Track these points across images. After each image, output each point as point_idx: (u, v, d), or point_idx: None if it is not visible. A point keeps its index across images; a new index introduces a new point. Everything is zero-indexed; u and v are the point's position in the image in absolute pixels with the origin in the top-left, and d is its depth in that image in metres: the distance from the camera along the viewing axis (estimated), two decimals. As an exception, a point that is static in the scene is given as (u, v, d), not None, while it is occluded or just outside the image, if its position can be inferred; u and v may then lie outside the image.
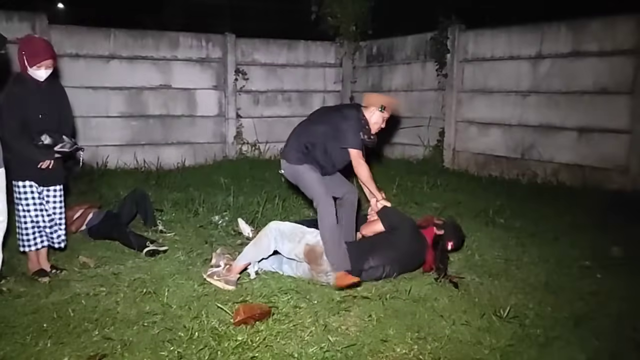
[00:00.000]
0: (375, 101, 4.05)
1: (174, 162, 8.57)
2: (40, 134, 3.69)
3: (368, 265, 3.81)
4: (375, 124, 4.02)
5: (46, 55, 3.72)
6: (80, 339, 2.96)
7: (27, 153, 3.68)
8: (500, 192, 6.75)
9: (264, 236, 3.85)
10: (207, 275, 3.81)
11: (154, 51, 8.60)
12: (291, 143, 4.05)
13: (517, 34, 7.53)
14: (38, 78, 3.73)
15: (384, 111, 4.01)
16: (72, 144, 3.82)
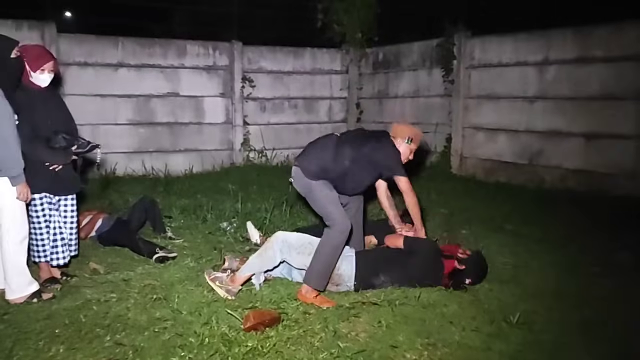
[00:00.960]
0: (402, 132, 3.95)
1: (182, 169, 8.62)
2: (55, 136, 3.70)
3: (379, 281, 3.84)
4: (403, 154, 3.91)
5: (49, 58, 3.75)
6: (92, 345, 2.98)
7: (45, 157, 3.68)
8: (508, 198, 6.75)
9: (269, 247, 3.79)
10: (210, 279, 3.77)
11: (161, 59, 8.67)
12: (313, 155, 3.85)
13: (524, 40, 7.55)
14: (41, 83, 3.72)
15: (411, 143, 3.92)
16: (87, 142, 3.85)
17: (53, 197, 3.82)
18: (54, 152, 3.72)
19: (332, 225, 3.68)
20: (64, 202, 3.91)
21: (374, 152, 3.81)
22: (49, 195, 3.79)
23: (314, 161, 3.81)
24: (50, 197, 3.80)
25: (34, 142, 3.63)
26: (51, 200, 3.81)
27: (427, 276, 3.87)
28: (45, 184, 3.73)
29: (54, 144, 3.70)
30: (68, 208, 3.94)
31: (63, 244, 3.87)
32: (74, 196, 3.98)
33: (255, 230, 5.07)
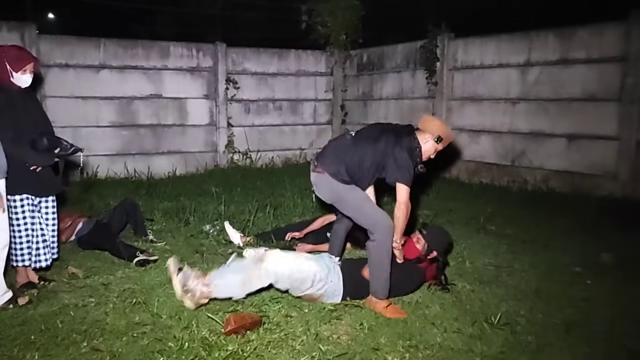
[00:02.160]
0: (433, 129, 3.63)
1: (165, 171, 8.55)
2: (40, 138, 3.65)
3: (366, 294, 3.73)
4: (426, 152, 3.63)
5: (31, 59, 3.70)
6: (69, 351, 2.92)
7: (28, 159, 3.62)
8: (491, 199, 6.78)
9: (255, 278, 3.43)
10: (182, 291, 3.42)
11: (144, 61, 8.60)
12: (335, 158, 3.62)
13: (506, 42, 7.60)
14: (23, 84, 3.67)
15: (440, 143, 3.62)
16: (70, 145, 3.79)
17: (35, 198, 3.76)
18: (37, 154, 3.66)
19: (375, 226, 3.49)
20: (44, 203, 3.85)
21: (395, 150, 3.51)
22: (31, 197, 3.72)
23: (340, 164, 3.58)
24: (32, 198, 3.74)
25: (16, 143, 3.57)
26: (33, 201, 3.74)
27: (411, 285, 3.84)
28: (26, 185, 3.67)
29: (39, 146, 3.64)
30: (49, 210, 3.88)
31: (45, 246, 3.81)
32: (54, 198, 3.92)
33: (235, 231, 5.03)
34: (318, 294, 3.56)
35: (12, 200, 3.63)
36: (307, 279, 3.48)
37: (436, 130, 3.63)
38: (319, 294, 3.57)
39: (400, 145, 3.52)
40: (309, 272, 3.49)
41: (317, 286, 3.51)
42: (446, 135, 3.65)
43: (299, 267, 3.48)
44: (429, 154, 3.66)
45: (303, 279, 3.47)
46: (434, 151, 3.66)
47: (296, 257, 3.62)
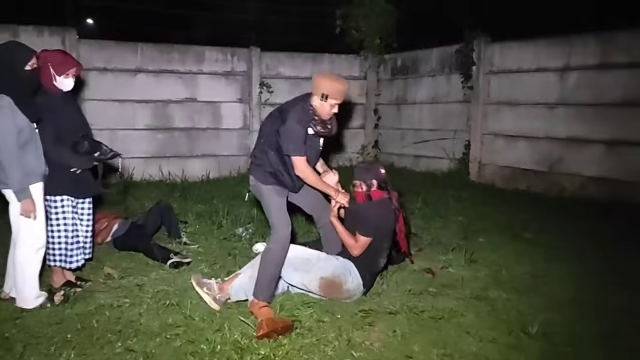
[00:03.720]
0: (317, 89, 3.54)
1: (199, 174, 8.64)
2: (82, 141, 3.72)
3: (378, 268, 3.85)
4: (321, 112, 3.56)
5: (74, 63, 3.78)
6: (104, 351, 2.96)
7: (69, 161, 3.70)
8: (527, 206, 6.63)
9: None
10: (197, 283, 3.64)
11: (180, 65, 8.72)
12: (253, 156, 3.75)
13: (544, 46, 7.44)
14: (65, 87, 3.75)
15: (327, 99, 3.51)
16: (109, 150, 3.85)
17: (73, 200, 3.83)
18: (78, 156, 3.74)
19: (274, 233, 3.56)
20: (81, 204, 3.91)
21: (282, 126, 3.53)
22: (70, 198, 3.79)
23: (255, 160, 3.70)
24: (71, 199, 3.80)
25: (58, 145, 3.66)
26: (71, 203, 3.81)
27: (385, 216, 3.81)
28: (66, 187, 3.74)
29: (80, 149, 3.72)
30: (85, 211, 3.94)
31: (78, 247, 3.87)
32: (91, 200, 3.99)
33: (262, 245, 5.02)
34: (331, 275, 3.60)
35: (52, 200, 3.71)
36: (310, 259, 3.63)
37: (319, 89, 3.53)
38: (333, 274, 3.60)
39: (288, 117, 3.52)
40: (311, 252, 3.69)
41: (324, 266, 3.61)
42: (330, 89, 3.51)
43: (298, 249, 3.69)
44: (325, 113, 3.58)
45: (306, 258, 3.62)
46: (328, 108, 3.56)
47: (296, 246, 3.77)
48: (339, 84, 3.55)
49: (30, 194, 3.40)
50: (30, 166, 3.42)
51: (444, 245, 5.13)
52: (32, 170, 3.43)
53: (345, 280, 3.66)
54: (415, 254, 4.81)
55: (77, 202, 3.88)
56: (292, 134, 3.50)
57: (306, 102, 3.60)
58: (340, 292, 3.65)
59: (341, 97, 3.57)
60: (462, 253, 4.79)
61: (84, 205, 3.93)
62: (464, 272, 4.37)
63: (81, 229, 3.91)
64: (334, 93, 3.52)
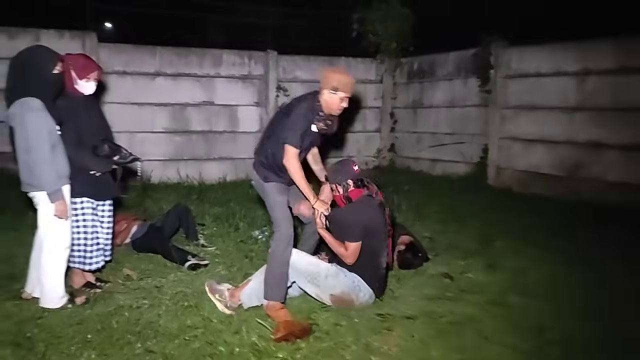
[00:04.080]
0: (326, 81, 3.57)
1: (216, 177, 8.68)
2: (102, 144, 3.77)
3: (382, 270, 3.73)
4: (328, 105, 3.59)
5: (96, 67, 3.83)
6: (123, 351, 2.99)
7: (89, 164, 3.74)
8: (545, 211, 6.55)
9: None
10: (210, 289, 3.66)
11: (197, 68, 8.78)
12: (256, 153, 3.80)
13: (563, 50, 7.37)
14: (87, 91, 3.79)
15: (337, 92, 3.55)
16: (129, 154, 3.90)
17: (93, 202, 3.87)
18: (98, 159, 3.78)
19: (277, 231, 3.60)
20: (101, 207, 3.96)
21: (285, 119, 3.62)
22: (90, 200, 3.83)
23: (258, 157, 3.75)
24: (91, 202, 3.85)
25: (79, 148, 3.70)
26: (91, 205, 3.85)
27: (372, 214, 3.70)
28: (86, 189, 3.78)
29: (100, 152, 3.76)
30: (105, 213, 3.99)
31: (98, 249, 3.91)
32: (111, 202, 4.03)
33: None
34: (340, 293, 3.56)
35: (72, 202, 3.74)
36: (319, 273, 3.57)
37: (329, 82, 3.56)
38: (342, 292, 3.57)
39: (294, 110, 3.59)
40: (320, 265, 3.63)
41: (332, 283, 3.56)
42: (341, 83, 3.54)
43: (310, 261, 3.63)
44: (333, 107, 3.60)
45: (317, 272, 3.56)
46: (338, 102, 3.58)
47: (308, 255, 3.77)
48: (348, 77, 3.59)
49: (63, 195, 3.46)
50: (60, 167, 3.48)
51: (462, 249, 5.10)
52: (62, 171, 3.49)
53: (357, 297, 3.62)
54: (432, 258, 4.80)
55: (98, 204, 3.92)
56: (293, 124, 3.56)
57: (315, 98, 3.63)
58: (353, 306, 3.62)
59: (350, 91, 3.60)
60: (480, 258, 4.76)
61: (104, 207, 3.97)
62: (483, 278, 4.34)
63: (101, 231, 3.95)
64: (343, 85, 3.56)
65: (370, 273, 3.66)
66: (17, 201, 5.41)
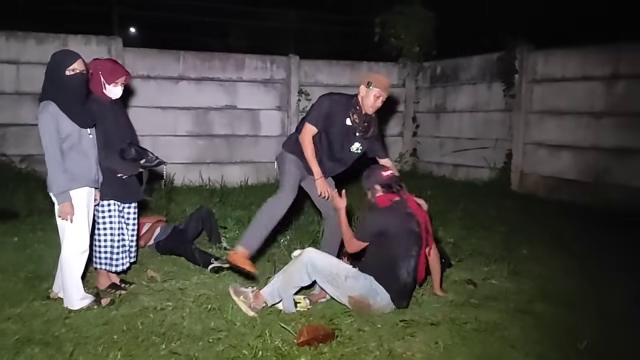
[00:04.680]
0: (364, 79, 3.94)
1: (238, 180, 8.72)
2: (129, 148, 3.81)
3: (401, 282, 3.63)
4: (365, 101, 3.89)
5: (124, 72, 3.88)
6: (149, 352, 3.00)
7: (116, 167, 3.78)
8: (571, 217, 6.45)
9: (295, 270, 3.58)
10: (234, 292, 3.68)
11: (220, 73, 8.86)
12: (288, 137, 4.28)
13: (591, 54, 7.26)
14: (114, 95, 3.84)
15: (372, 87, 3.84)
16: (155, 158, 3.94)
17: (120, 204, 3.91)
18: (125, 162, 3.82)
19: (279, 192, 3.95)
20: (127, 209, 4.00)
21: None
22: (117, 203, 3.88)
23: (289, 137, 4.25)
24: (117, 204, 3.89)
25: (107, 151, 3.75)
26: (118, 207, 3.90)
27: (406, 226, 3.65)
28: (113, 192, 3.83)
29: (126, 156, 3.80)
30: (131, 215, 4.04)
31: (123, 251, 3.95)
32: (136, 205, 4.08)
33: None
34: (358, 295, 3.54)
35: (100, 204, 3.80)
36: (339, 274, 3.56)
37: (366, 78, 3.91)
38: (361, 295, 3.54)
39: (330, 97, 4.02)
40: (341, 267, 3.63)
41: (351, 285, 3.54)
42: (376, 79, 3.87)
43: (331, 262, 3.65)
44: (369, 103, 3.87)
45: (336, 274, 3.56)
46: (372, 98, 3.85)
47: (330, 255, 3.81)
48: (385, 77, 3.93)
49: (68, 198, 3.45)
50: (75, 170, 3.48)
51: (486, 256, 5.04)
52: (76, 174, 3.49)
53: (374, 301, 3.58)
54: (456, 264, 4.75)
55: (124, 206, 3.97)
56: (318, 105, 3.96)
57: (353, 95, 3.97)
58: (370, 310, 3.59)
59: (385, 89, 3.87)
60: (505, 264, 4.70)
61: (129, 210, 4.02)
62: (507, 284, 4.28)
63: (127, 233, 4.00)
64: (377, 82, 3.85)
65: (388, 281, 3.59)
66: (44, 202, 5.51)
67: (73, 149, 3.47)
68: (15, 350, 2.99)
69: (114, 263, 3.91)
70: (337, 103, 3.95)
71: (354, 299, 3.56)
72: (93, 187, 3.64)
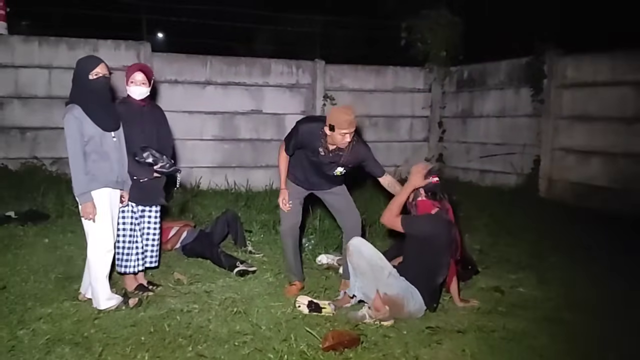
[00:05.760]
0: (327, 120, 3.78)
1: (263, 184, 8.74)
2: (143, 151, 3.83)
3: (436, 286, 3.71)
4: (333, 141, 3.82)
5: (134, 70, 3.88)
6: (175, 354, 3.04)
7: (131, 170, 3.82)
8: (601, 225, 6.29)
9: (357, 260, 3.66)
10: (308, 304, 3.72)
11: (246, 77, 8.92)
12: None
13: (622, 58, 7.10)
14: (134, 94, 3.86)
15: (334, 130, 3.71)
16: (170, 165, 3.94)
17: (135, 206, 3.95)
18: (139, 166, 3.84)
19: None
20: (148, 213, 4.04)
21: None
22: (132, 204, 3.92)
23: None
24: (133, 206, 3.93)
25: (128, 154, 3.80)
26: (132, 209, 3.93)
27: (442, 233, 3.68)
28: (131, 194, 3.86)
29: (139, 159, 3.83)
30: (152, 220, 4.07)
31: (136, 253, 3.94)
32: (158, 208, 4.10)
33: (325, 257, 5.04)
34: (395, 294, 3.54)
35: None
36: (384, 268, 3.60)
37: (327, 120, 3.78)
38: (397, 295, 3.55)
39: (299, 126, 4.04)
40: (386, 262, 3.65)
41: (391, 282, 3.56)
42: (336, 120, 3.70)
43: (378, 253, 3.67)
44: (338, 141, 3.79)
45: (381, 266, 3.60)
46: (339, 137, 3.75)
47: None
48: (343, 111, 3.74)
49: (90, 198, 3.51)
50: (97, 172, 3.54)
51: (513, 263, 4.98)
52: (98, 175, 3.55)
53: (407, 304, 3.58)
54: (482, 271, 4.69)
55: (144, 210, 4.01)
56: (293, 132, 4.05)
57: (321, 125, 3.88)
58: (402, 313, 3.58)
59: (348, 126, 3.71)
60: (533, 272, 4.63)
61: (150, 214, 4.05)
62: (535, 292, 4.22)
63: (148, 236, 4.03)
64: (338, 123, 3.70)
65: (427, 286, 3.65)
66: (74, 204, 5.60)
67: (95, 151, 3.53)
68: (46, 350, 3.05)
69: (123, 264, 3.93)
70: (310, 133, 3.92)
71: (389, 297, 3.55)
72: (117, 189, 3.70)
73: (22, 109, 7.88)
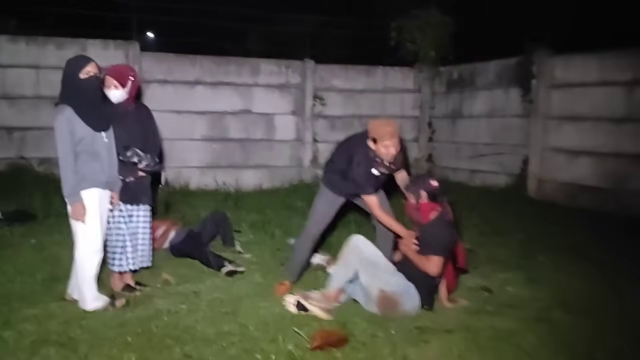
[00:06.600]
0: (370, 133, 3.86)
1: (252, 184, 8.75)
2: (126, 150, 3.81)
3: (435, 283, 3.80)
4: (381, 154, 3.85)
5: (107, 72, 3.81)
6: (162, 355, 3.01)
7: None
8: (590, 224, 6.34)
9: (347, 254, 3.72)
10: (302, 296, 3.70)
11: (236, 77, 8.90)
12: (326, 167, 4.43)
13: (611, 59, 7.14)
14: (112, 98, 3.82)
15: (378, 142, 3.80)
16: (155, 163, 3.93)
17: (124, 206, 3.92)
18: (123, 165, 3.82)
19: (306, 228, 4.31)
20: (136, 212, 4.02)
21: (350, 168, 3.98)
22: (120, 203, 3.88)
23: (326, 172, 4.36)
24: (120, 204, 3.89)
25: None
26: (121, 207, 3.90)
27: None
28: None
29: (123, 158, 3.81)
30: (140, 219, 4.04)
31: (121, 252, 3.93)
32: (147, 208, 4.08)
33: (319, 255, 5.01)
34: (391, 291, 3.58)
35: None
36: (380, 263, 3.69)
37: (370, 134, 3.84)
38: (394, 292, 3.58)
39: (354, 164, 3.90)
40: (384, 260, 3.76)
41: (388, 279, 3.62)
42: (377, 133, 3.79)
43: (376, 250, 3.76)
44: (383, 155, 3.84)
45: (377, 261, 3.68)
46: (386, 149, 3.81)
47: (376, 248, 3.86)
48: (384, 124, 3.86)
49: (79, 199, 3.49)
50: (87, 172, 3.52)
51: (502, 262, 4.99)
52: (87, 175, 3.53)
53: (404, 302, 3.62)
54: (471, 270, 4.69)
55: (132, 210, 3.98)
56: (360, 180, 3.90)
57: (366, 147, 3.89)
58: (396, 311, 3.60)
59: (391, 137, 3.80)
60: (522, 272, 4.64)
61: (139, 213, 4.03)
62: (524, 292, 4.23)
63: (137, 236, 4.01)
64: (380, 136, 3.79)
65: (426, 283, 3.72)
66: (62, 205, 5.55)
67: (86, 151, 3.51)
68: (31, 351, 3.02)
69: (110, 262, 3.92)
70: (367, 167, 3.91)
71: (385, 294, 3.58)
72: (106, 190, 3.67)
73: (9, 109, 7.81)
